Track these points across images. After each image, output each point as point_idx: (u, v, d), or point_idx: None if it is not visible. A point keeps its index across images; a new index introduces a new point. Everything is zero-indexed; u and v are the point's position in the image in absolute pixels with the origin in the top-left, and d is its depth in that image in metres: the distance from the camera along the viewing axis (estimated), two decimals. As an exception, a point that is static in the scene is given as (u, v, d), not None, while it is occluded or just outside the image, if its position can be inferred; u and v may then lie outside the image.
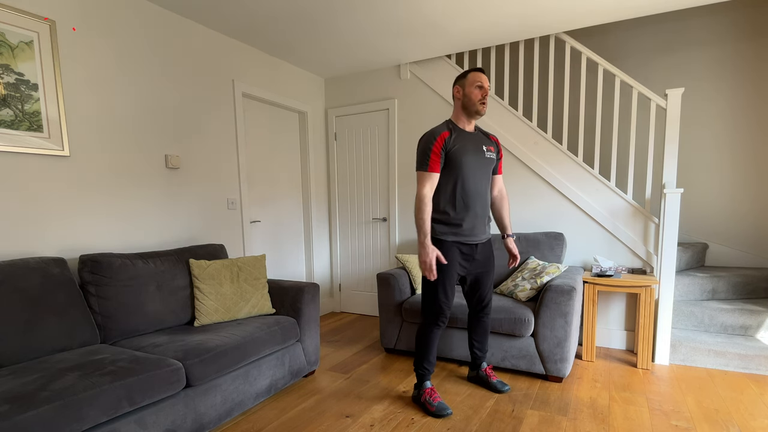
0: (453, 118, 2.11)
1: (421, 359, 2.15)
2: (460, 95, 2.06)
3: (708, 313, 2.76)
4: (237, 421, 2.05)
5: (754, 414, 2.02)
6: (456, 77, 2.09)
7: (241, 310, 2.30)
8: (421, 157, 2.01)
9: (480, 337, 2.33)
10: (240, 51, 3.02)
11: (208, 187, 2.81)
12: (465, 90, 2.04)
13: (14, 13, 1.86)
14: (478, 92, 2.01)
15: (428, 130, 2.06)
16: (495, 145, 2.19)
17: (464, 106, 2.05)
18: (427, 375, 2.16)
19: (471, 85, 2.02)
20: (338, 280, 4.06)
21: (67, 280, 1.86)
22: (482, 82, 2.01)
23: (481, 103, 2.02)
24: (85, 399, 1.38)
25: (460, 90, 2.06)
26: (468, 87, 2.03)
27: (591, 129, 3.75)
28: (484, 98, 2.02)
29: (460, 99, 2.06)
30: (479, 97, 2.01)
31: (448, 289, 2.07)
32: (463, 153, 2.02)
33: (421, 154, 2.02)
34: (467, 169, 2.02)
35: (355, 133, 3.82)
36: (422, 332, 2.14)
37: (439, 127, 2.04)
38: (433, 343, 2.13)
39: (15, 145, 1.88)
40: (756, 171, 3.19)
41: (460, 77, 2.07)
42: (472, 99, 2.02)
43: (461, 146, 2.02)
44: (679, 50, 3.34)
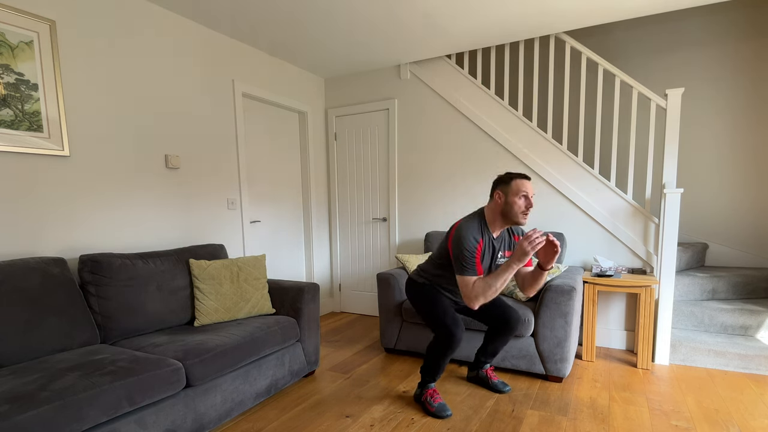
0: (488, 220, 1.98)
1: (430, 370, 2.11)
2: (501, 202, 1.91)
3: (708, 313, 2.76)
4: (237, 421, 2.05)
5: (754, 414, 2.02)
6: (497, 179, 1.96)
7: (241, 310, 2.30)
8: (463, 263, 1.89)
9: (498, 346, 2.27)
10: (240, 51, 3.02)
11: (208, 187, 2.81)
12: (508, 198, 1.89)
13: (14, 13, 1.86)
14: (523, 203, 1.87)
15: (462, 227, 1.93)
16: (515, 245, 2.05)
17: (504, 213, 1.92)
18: (433, 381, 2.16)
19: (515, 194, 1.87)
20: (338, 280, 4.06)
21: (67, 280, 1.86)
22: (528, 191, 1.87)
23: (524, 215, 1.88)
24: (85, 399, 1.38)
25: (502, 197, 1.91)
26: (511, 196, 1.88)
27: (591, 129, 3.75)
28: (528, 209, 1.88)
29: (500, 205, 1.92)
30: (523, 208, 1.87)
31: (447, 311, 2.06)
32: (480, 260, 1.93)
33: (461, 259, 1.89)
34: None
35: (355, 133, 3.82)
36: (435, 349, 2.06)
37: (475, 230, 1.92)
38: (445, 361, 2.06)
39: (15, 145, 1.88)
40: (756, 171, 3.19)
41: (503, 182, 1.92)
42: (515, 210, 1.87)
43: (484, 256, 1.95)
44: (679, 50, 3.34)
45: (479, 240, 1.92)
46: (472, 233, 1.91)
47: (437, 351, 2.04)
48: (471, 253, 1.89)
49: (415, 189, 3.61)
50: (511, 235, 2.08)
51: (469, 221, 1.98)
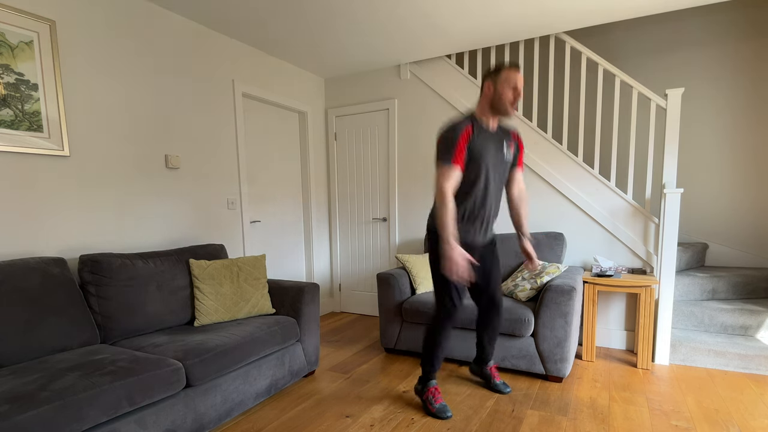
0: (477, 113, 1.95)
1: (430, 356, 2.09)
2: (491, 92, 1.88)
3: (708, 313, 2.76)
4: (237, 421, 2.05)
5: (754, 414, 2.02)
6: (488, 71, 1.92)
7: (241, 310, 2.30)
8: (444, 149, 1.84)
9: (491, 334, 2.25)
10: (240, 51, 3.02)
11: (209, 187, 2.81)
12: (497, 87, 1.86)
13: (14, 13, 1.86)
14: (511, 93, 1.85)
15: (450, 122, 1.90)
16: (515, 142, 2.06)
17: (493, 104, 1.89)
18: (434, 372, 2.13)
19: (504, 83, 1.85)
20: (338, 280, 4.06)
21: (67, 280, 1.86)
22: (518, 83, 1.85)
23: (512, 105, 1.86)
24: (85, 399, 1.38)
25: (491, 87, 1.88)
26: (500, 85, 1.85)
27: (591, 129, 3.75)
28: (516, 100, 1.86)
29: (489, 96, 1.89)
30: (511, 98, 1.85)
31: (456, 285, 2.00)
32: (484, 154, 1.88)
33: (444, 145, 1.85)
34: (483, 172, 1.90)
35: (355, 133, 3.82)
36: (435, 329, 2.05)
37: (463, 121, 1.88)
38: (444, 340, 2.05)
39: (15, 145, 1.88)
40: (756, 171, 3.19)
41: (494, 72, 1.89)
42: (503, 99, 1.86)
43: (483, 146, 1.89)
44: (679, 50, 3.34)
45: (464, 127, 1.86)
46: (457, 123, 1.88)
47: (436, 327, 2.05)
48: (453, 139, 1.84)
49: (415, 189, 3.61)
50: (508, 133, 2.04)
51: (457, 117, 1.96)
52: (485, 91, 1.92)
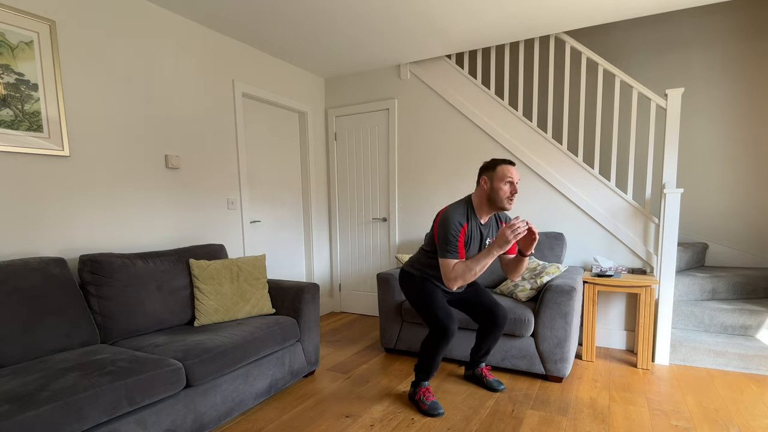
0: (475, 206, 2.02)
1: (424, 367, 2.13)
2: (487, 187, 1.95)
3: (708, 313, 2.76)
4: (237, 421, 2.05)
5: (754, 414, 2.02)
6: (483, 166, 2.00)
7: (241, 310, 2.30)
8: (445, 245, 1.93)
9: (490, 344, 2.30)
10: (240, 51, 3.02)
11: (208, 187, 2.81)
12: (493, 184, 1.93)
13: (14, 13, 1.86)
14: (508, 189, 1.91)
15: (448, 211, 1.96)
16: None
17: (490, 199, 1.96)
18: (427, 379, 2.17)
19: (500, 179, 1.91)
20: (338, 280, 4.06)
21: (67, 280, 1.86)
22: (513, 177, 1.90)
23: (509, 200, 1.92)
24: (85, 399, 1.38)
25: (487, 182, 1.95)
26: (497, 181, 1.92)
27: (591, 129, 3.75)
28: (513, 195, 1.92)
29: (486, 191, 1.96)
30: (508, 193, 1.91)
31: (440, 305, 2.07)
32: (470, 246, 2.00)
33: (444, 240, 1.93)
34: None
35: (355, 133, 3.82)
36: (429, 344, 2.08)
37: (460, 214, 1.96)
38: (439, 356, 2.08)
39: (15, 145, 1.88)
40: (756, 171, 3.19)
41: (489, 168, 1.96)
42: (500, 195, 1.91)
43: (471, 239, 1.99)
44: (679, 50, 3.34)
45: (464, 224, 1.96)
46: (457, 217, 1.95)
47: (431, 345, 2.07)
48: (454, 236, 1.93)
49: (415, 189, 3.61)
50: (498, 222, 2.12)
51: (456, 206, 2.03)
52: (482, 186, 1.99)
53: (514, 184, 1.92)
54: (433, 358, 2.09)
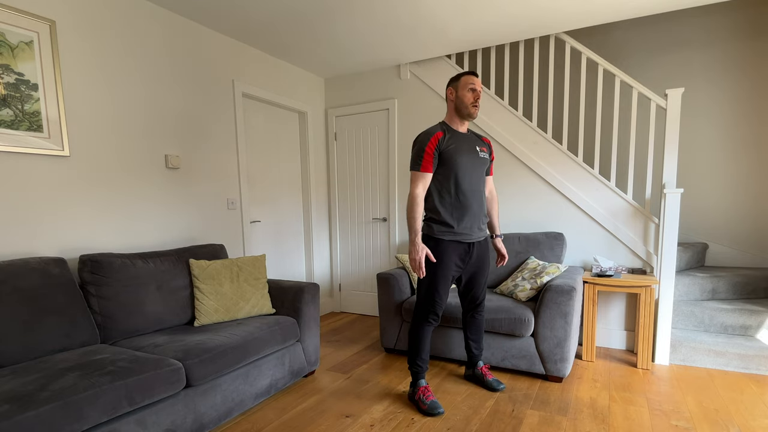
0: (447, 120, 2.14)
1: (414, 356, 2.18)
2: (453, 97, 2.09)
3: (708, 313, 2.76)
4: (237, 421, 2.05)
5: (754, 414, 2.02)
6: (449, 80, 2.14)
7: (241, 310, 2.30)
8: (415, 157, 2.04)
9: (475, 335, 2.36)
10: (240, 51, 3.02)
11: (208, 187, 2.81)
12: (458, 92, 2.07)
13: (14, 13, 1.86)
14: (471, 95, 2.04)
15: (423, 131, 2.07)
16: (488, 147, 2.23)
17: (457, 108, 2.08)
18: (422, 373, 2.19)
19: (463, 87, 2.05)
20: (338, 280, 4.06)
21: (67, 280, 1.86)
22: (475, 84, 2.04)
23: (474, 106, 2.05)
24: (85, 399, 1.38)
25: (453, 92, 2.09)
26: (460, 90, 2.05)
27: (591, 129, 3.75)
28: (476, 101, 2.05)
29: (453, 101, 2.09)
30: (471, 99, 2.04)
31: (441, 289, 2.11)
32: (458, 153, 2.05)
33: (414, 154, 2.05)
34: (462, 169, 2.05)
35: (355, 133, 3.82)
36: (414, 329, 2.18)
37: (433, 128, 2.07)
38: (425, 340, 2.16)
39: (15, 145, 1.88)
40: (756, 171, 3.19)
41: (453, 80, 2.10)
42: (465, 102, 2.05)
43: (456, 146, 2.05)
44: (679, 50, 3.34)
45: (433, 133, 2.03)
46: (427, 131, 2.06)
47: (414, 327, 2.17)
48: (422, 148, 2.02)
49: (415, 189, 3.60)
50: (479, 137, 2.21)
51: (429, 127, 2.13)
52: (449, 97, 2.12)
53: (477, 91, 2.04)
54: (419, 344, 2.15)
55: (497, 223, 2.36)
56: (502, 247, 2.33)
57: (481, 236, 2.18)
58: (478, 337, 2.36)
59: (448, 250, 2.08)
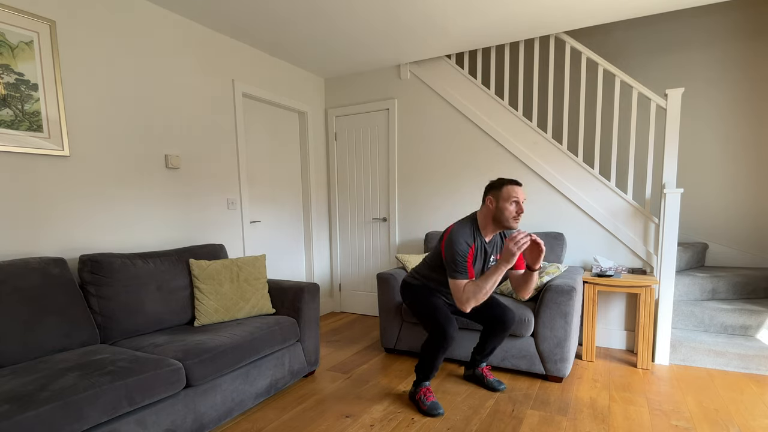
0: (480, 225, 2.02)
1: (424, 369, 2.13)
2: (493, 207, 1.95)
3: (708, 313, 2.76)
4: (237, 421, 2.05)
5: (754, 414, 2.02)
6: (489, 185, 2.00)
7: (241, 310, 2.30)
8: (454, 267, 1.93)
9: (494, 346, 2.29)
10: (240, 51, 3.02)
11: (208, 187, 2.81)
12: (499, 204, 1.93)
13: (14, 13, 1.86)
14: (514, 208, 1.91)
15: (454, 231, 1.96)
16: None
17: (495, 218, 1.96)
18: (427, 380, 2.18)
19: (506, 199, 1.91)
20: (338, 280, 4.06)
21: (67, 280, 1.86)
22: (518, 197, 1.90)
23: (515, 220, 1.92)
24: (85, 399, 1.38)
25: (493, 202, 1.95)
26: (502, 201, 1.91)
27: (591, 129, 3.75)
28: (519, 214, 1.92)
29: (491, 210, 1.96)
30: (514, 213, 1.91)
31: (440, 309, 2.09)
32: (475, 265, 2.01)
33: (452, 261, 1.93)
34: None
35: (355, 133, 3.82)
36: (429, 348, 2.08)
37: (467, 235, 1.96)
38: (439, 359, 2.09)
39: (15, 145, 1.88)
40: (756, 171, 3.19)
41: (495, 187, 1.96)
42: (506, 215, 1.91)
43: (476, 259, 2.01)
44: (679, 50, 3.34)
45: (471, 244, 1.96)
46: (464, 238, 1.96)
47: (431, 349, 2.07)
48: (463, 257, 1.93)
49: (415, 189, 3.60)
50: (503, 239, 2.11)
51: (462, 226, 2.02)
52: (488, 205, 1.98)
53: (520, 204, 1.91)
54: (433, 362, 2.10)
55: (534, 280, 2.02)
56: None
57: None
58: (495, 347, 2.30)
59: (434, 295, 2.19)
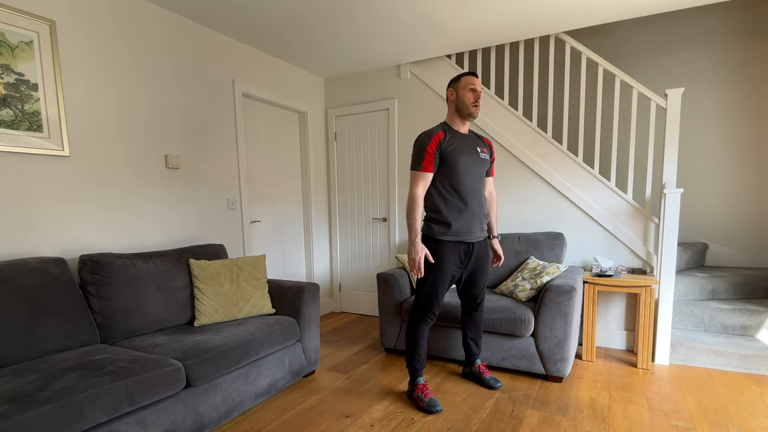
0: (448, 121, 2.15)
1: (412, 355, 2.20)
2: (454, 98, 2.10)
3: (708, 313, 2.76)
4: (237, 421, 2.05)
5: (754, 414, 2.02)
6: (450, 81, 2.14)
7: (241, 310, 2.30)
8: (415, 157, 2.05)
9: (474, 334, 2.37)
10: (240, 51, 3.02)
11: (208, 187, 2.81)
12: (458, 93, 2.08)
13: (14, 13, 1.86)
14: (471, 95, 2.05)
15: (424, 131, 2.10)
16: (488, 147, 2.23)
17: (458, 108, 2.09)
18: (419, 371, 2.21)
19: (464, 88, 2.05)
20: (338, 280, 4.06)
21: (67, 280, 1.86)
22: (475, 85, 2.05)
23: (474, 106, 2.06)
24: (85, 399, 1.38)
25: (453, 93, 2.10)
26: (461, 90, 2.06)
27: (591, 129, 3.75)
28: (477, 101, 2.06)
29: (453, 102, 2.11)
30: (472, 99, 2.05)
31: (439, 289, 2.12)
32: (458, 153, 2.05)
33: (415, 153, 2.06)
34: (463, 169, 2.06)
35: (355, 133, 3.82)
36: (411, 328, 2.20)
37: (434, 129, 2.08)
38: (422, 338, 2.18)
39: (15, 145, 1.88)
40: (756, 171, 3.19)
41: (454, 80, 2.11)
42: (465, 102, 2.06)
43: (457, 147, 2.06)
44: (679, 50, 3.34)
45: (435, 134, 2.04)
46: (428, 132, 2.07)
47: (412, 325, 2.19)
48: (423, 148, 2.03)
49: (415, 189, 3.60)
50: (480, 138, 2.22)
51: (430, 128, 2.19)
52: (449, 98, 2.13)
53: (477, 91, 2.05)
54: (416, 343, 2.17)
55: (495, 224, 2.37)
56: (498, 248, 2.34)
57: (482, 236, 2.19)
58: (477, 336, 2.38)
59: (448, 251, 2.08)
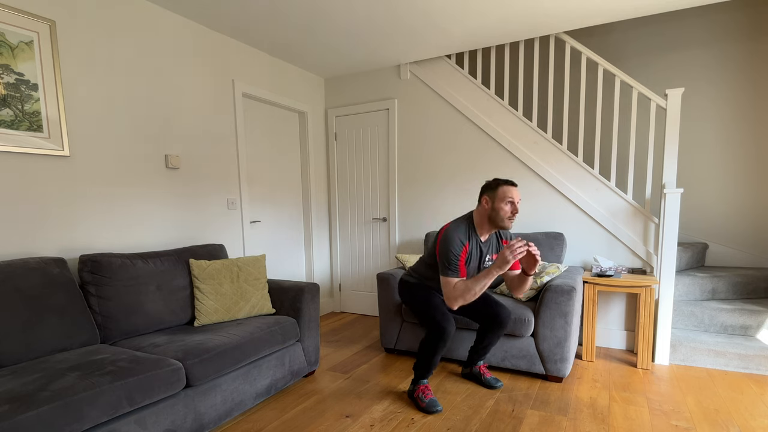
0: (476, 224, 2.05)
1: (422, 367, 2.15)
2: (488, 207, 1.99)
3: (708, 313, 2.76)
4: (237, 421, 2.05)
5: (754, 414, 2.02)
6: (485, 185, 2.03)
7: (241, 310, 2.30)
8: (447, 265, 1.96)
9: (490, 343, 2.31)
10: (240, 51, 3.02)
11: (208, 187, 2.81)
12: (494, 204, 1.96)
13: (14, 13, 1.86)
14: (509, 208, 1.94)
15: (450, 229, 2.00)
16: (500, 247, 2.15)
17: (491, 218, 1.99)
18: (426, 377, 2.19)
19: (501, 200, 1.94)
20: (338, 280, 4.06)
21: (67, 280, 1.86)
22: (513, 197, 1.94)
23: (509, 219, 1.96)
24: (85, 399, 1.38)
25: (489, 202, 1.99)
26: (498, 201, 1.95)
27: (591, 129, 3.75)
28: (514, 215, 1.96)
29: (487, 210, 2.00)
30: (509, 213, 1.95)
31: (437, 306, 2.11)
32: (466, 263, 2.02)
33: (445, 259, 1.96)
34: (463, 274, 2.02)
35: (355, 133, 3.82)
36: (427, 345, 2.11)
37: (462, 233, 1.99)
38: (437, 356, 2.11)
39: (15, 145, 1.88)
40: (756, 171, 3.19)
41: (490, 188, 1.99)
42: (501, 215, 1.95)
43: (471, 258, 2.03)
44: (679, 50, 3.34)
45: (465, 243, 1.99)
46: (458, 236, 1.99)
47: (429, 347, 2.09)
48: (456, 255, 1.96)
49: (415, 189, 3.60)
50: (499, 239, 2.15)
51: (457, 225, 2.05)
52: (483, 205, 2.02)
53: (515, 204, 1.95)
54: (431, 359, 2.11)
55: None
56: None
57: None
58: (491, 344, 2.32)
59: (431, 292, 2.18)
